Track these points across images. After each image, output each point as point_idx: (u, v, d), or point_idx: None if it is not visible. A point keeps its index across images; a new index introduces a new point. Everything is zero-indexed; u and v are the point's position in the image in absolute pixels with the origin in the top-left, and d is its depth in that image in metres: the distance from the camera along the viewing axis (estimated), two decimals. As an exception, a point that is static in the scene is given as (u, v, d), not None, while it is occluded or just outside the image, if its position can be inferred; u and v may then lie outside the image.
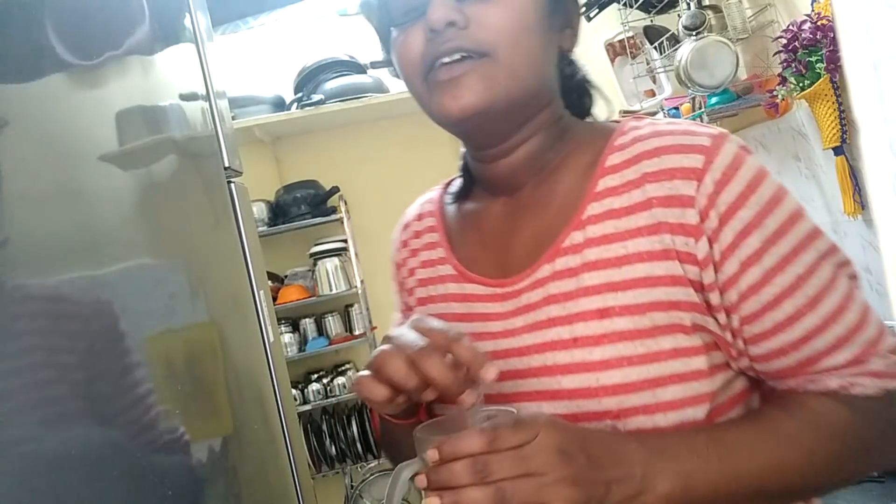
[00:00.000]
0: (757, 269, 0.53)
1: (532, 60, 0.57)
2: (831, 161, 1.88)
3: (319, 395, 2.51)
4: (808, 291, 0.53)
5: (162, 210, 0.77)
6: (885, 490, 1.32)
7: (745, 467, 0.51)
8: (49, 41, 0.58)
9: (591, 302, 0.55)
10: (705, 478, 0.50)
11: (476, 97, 0.55)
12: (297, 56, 2.72)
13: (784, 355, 0.54)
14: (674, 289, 0.54)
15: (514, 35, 0.55)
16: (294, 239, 2.70)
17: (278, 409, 1.04)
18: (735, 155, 0.54)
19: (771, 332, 0.54)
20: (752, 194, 0.53)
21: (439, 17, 0.54)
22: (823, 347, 0.53)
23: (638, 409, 0.53)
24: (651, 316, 0.54)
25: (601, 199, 0.58)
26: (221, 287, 0.92)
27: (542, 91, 0.60)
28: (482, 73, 0.55)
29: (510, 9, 0.55)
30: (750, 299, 0.53)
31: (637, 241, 0.55)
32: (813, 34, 1.77)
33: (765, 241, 0.53)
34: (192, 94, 0.98)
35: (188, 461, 0.70)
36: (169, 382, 0.69)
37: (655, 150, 0.56)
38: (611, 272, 0.55)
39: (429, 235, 0.72)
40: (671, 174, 0.54)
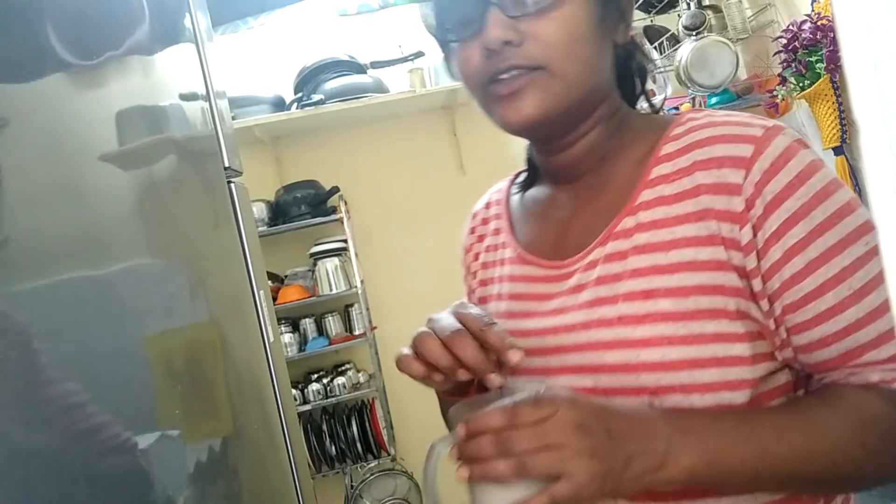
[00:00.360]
0: (800, 259, 0.53)
1: (586, 67, 0.60)
2: (831, 161, 1.89)
3: (319, 395, 2.51)
4: (853, 284, 0.53)
5: (162, 210, 0.77)
6: (885, 490, 1.32)
7: (772, 450, 0.52)
8: (49, 41, 0.58)
9: (637, 283, 0.58)
10: (730, 457, 0.51)
11: (534, 108, 0.59)
12: (297, 56, 2.72)
13: (826, 346, 0.54)
14: (718, 273, 0.55)
15: (566, 48, 0.58)
16: (294, 239, 2.70)
17: (278, 409, 1.04)
18: (787, 147, 0.55)
19: (813, 321, 0.54)
20: (801, 185, 0.54)
21: (496, 37, 0.57)
22: (866, 340, 0.53)
23: (675, 387, 0.55)
24: (695, 299, 0.55)
25: (653, 185, 0.60)
26: (221, 287, 0.92)
27: (597, 90, 0.63)
28: (538, 86, 0.59)
29: (563, 22, 0.58)
30: (793, 288, 0.54)
31: (685, 226, 0.57)
32: (813, 34, 1.77)
33: (810, 232, 0.53)
34: (192, 94, 0.98)
35: (188, 461, 0.70)
36: (169, 382, 0.69)
37: (707, 139, 0.58)
38: (658, 256, 0.57)
39: (495, 222, 0.76)
40: (720, 163, 0.56)
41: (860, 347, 0.54)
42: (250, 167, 1.23)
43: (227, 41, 2.79)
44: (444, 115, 2.86)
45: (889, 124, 0.19)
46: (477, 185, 0.84)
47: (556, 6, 0.57)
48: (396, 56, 2.66)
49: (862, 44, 0.20)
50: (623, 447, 0.50)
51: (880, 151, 0.19)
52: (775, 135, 0.55)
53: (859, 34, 0.20)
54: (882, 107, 0.19)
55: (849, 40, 0.20)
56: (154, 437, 0.63)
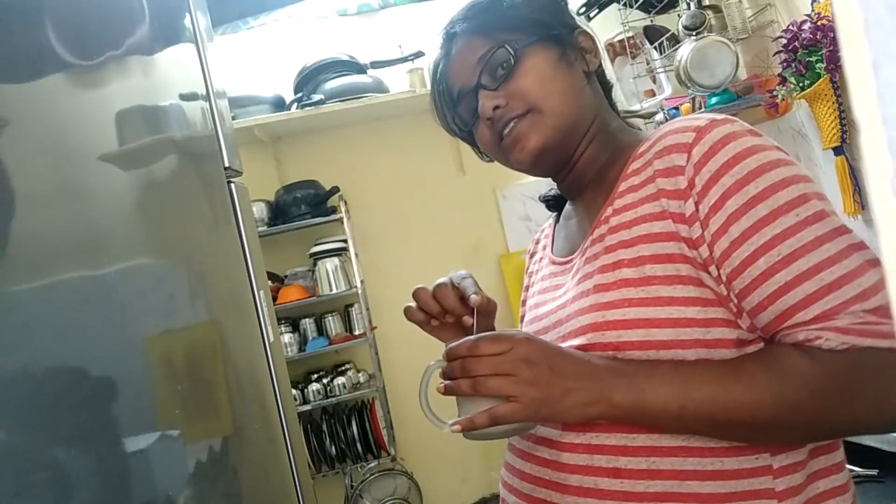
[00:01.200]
0: (735, 228, 0.61)
1: (565, 97, 0.74)
2: (831, 161, 1.88)
3: (319, 395, 2.51)
4: (782, 251, 0.59)
5: (162, 210, 0.77)
6: (885, 490, 1.32)
7: (694, 393, 0.59)
8: (49, 41, 0.58)
9: (608, 258, 0.69)
10: (655, 396, 0.60)
11: (534, 142, 0.74)
12: (297, 56, 2.72)
13: (763, 310, 0.60)
14: (669, 244, 0.64)
15: (541, 88, 0.73)
16: (294, 239, 2.70)
17: (278, 409, 1.04)
18: (729, 133, 0.63)
19: (751, 286, 0.60)
20: (737, 164, 0.61)
21: (488, 107, 0.74)
22: (794, 302, 0.58)
23: (634, 343, 0.63)
24: (651, 267, 0.65)
25: (628, 178, 0.71)
26: (221, 287, 0.92)
27: (583, 113, 0.76)
28: (532, 123, 0.74)
29: (529, 73, 0.73)
30: (731, 256, 0.61)
31: (644, 206, 0.67)
32: (813, 34, 1.77)
33: (743, 204, 0.60)
34: (192, 94, 0.98)
35: (188, 461, 0.70)
36: (169, 382, 0.69)
37: (664, 134, 0.68)
38: (623, 233, 0.68)
39: (544, 241, 0.93)
40: (669, 150, 0.66)
41: (790, 309, 0.59)
42: (250, 167, 1.23)
43: (227, 41, 2.79)
44: (444, 115, 2.86)
45: (888, 124, 0.19)
46: (477, 185, 0.86)
47: (519, 65, 0.73)
48: (396, 56, 2.66)
49: (862, 44, 0.20)
50: (562, 382, 0.61)
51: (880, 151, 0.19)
52: (719, 125, 0.64)
53: (859, 34, 0.20)
54: (882, 107, 0.19)
55: (849, 40, 0.20)
56: (154, 437, 0.63)
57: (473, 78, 0.75)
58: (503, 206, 2.89)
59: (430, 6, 2.89)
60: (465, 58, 0.76)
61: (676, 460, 0.62)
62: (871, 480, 1.36)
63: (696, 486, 0.61)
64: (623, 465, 0.63)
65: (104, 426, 0.55)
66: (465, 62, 0.76)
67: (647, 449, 0.63)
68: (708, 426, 0.60)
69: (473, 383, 0.63)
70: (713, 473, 0.61)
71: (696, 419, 0.59)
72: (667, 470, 0.62)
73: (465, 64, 0.76)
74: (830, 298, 0.57)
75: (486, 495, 2.73)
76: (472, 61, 0.75)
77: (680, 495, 0.61)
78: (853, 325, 0.56)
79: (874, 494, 1.32)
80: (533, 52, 0.74)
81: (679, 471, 0.62)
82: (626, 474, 0.63)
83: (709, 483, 0.61)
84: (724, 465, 0.62)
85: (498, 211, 2.89)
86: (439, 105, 0.83)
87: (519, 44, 0.73)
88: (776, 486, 0.61)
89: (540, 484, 0.69)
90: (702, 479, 0.61)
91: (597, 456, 0.65)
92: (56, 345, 0.51)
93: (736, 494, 0.61)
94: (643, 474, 0.63)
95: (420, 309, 0.79)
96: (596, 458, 0.65)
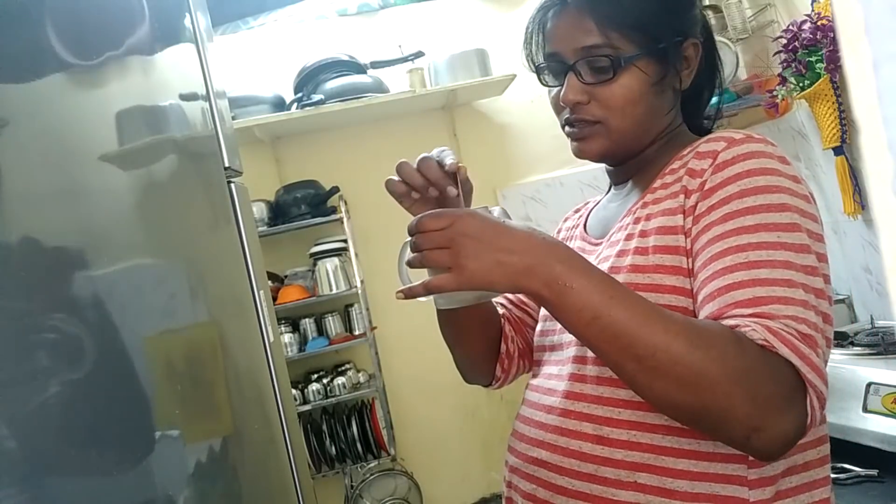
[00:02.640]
0: (720, 228, 0.65)
1: (637, 120, 0.78)
2: (831, 161, 1.88)
3: (319, 395, 2.51)
4: (750, 256, 0.62)
5: (162, 210, 0.77)
6: (885, 490, 1.32)
7: (613, 308, 0.60)
8: (49, 41, 0.58)
9: (627, 244, 0.74)
10: (580, 294, 0.61)
11: (594, 150, 0.80)
12: (297, 56, 2.71)
13: (712, 300, 0.63)
14: (679, 236, 0.69)
15: (622, 110, 0.76)
16: (294, 239, 2.69)
17: (278, 409, 1.04)
18: (756, 150, 0.67)
19: (711, 277, 0.64)
20: (748, 178, 0.66)
21: (570, 99, 0.78)
22: (741, 299, 0.61)
23: None
24: (659, 256, 0.70)
25: (663, 177, 0.76)
26: (221, 287, 0.92)
27: (651, 130, 0.80)
28: (597, 135, 0.79)
29: (621, 90, 0.76)
30: (706, 249, 0.65)
31: (667, 201, 0.72)
32: (813, 34, 1.77)
33: (737, 210, 0.65)
34: (192, 94, 0.98)
35: (188, 461, 0.70)
36: (169, 382, 0.69)
37: (704, 139, 0.73)
38: (644, 223, 0.74)
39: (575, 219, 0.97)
40: (701, 155, 0.71)
41: (734, 303, 0.62)
42: (250, 167, 1.23)
43: (227, 41, 2.79)
44: (444, 115, 2.86)
45: (888, 124, 0.19)
46: (477, 185, 0.85)
47: (616, 79, 0.75)
48: (396, 56, 2.66)
49: (862, 44, 0.20)
50: (494, 254, 0.63)
51: (880, 151, 0.19)
52: (752, 142, 0.68)
53: (859, 34, 0.20)
54: (882, 107, 0.19)
55: (848, 40, 0.20)
56: (154, 437, 0.63)
57: (570, 55, 0.77)
58: (503, 206, 2.89)
59: (430, 6, 2.89)
60: (570, 33, 0.77)
61: (656, 436, 0.67)
62: (871, 480, 1.36)
63: (670, 462, 0.66)
64: (606, 434, 0.69)
65: (104, 426, 0.55)
66: (571, 36, 0.77)
67: (630, 423, 0.68)
68: (607, 343, 0.61)
69: (419, 257, 0.67)
70: (688, 452, 0.66)
71: (601, 332, 0.61)
72: (646, 443, 0.67)
73: (570, 36, 0.77)
74: (773, 308, 0.60)
75: (486, 495, 2.73)
76: (576, 42, 0.76)
77: (654, 468, 0.66)
78: (780, 330, 0.58)
79: (874, 494, 1.32)
80: (632, 71, 0.75)
81: (657, 446, 0.67)
82: (607, 442, 0.69)
83: (682, 461, 0.66)
84: (700, 446, 0.66)
85: (498, 211, 2.89)
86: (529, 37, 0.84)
87: (623, 60, 0.74)
88: (749, 474, 0.65)
89: (534, 444, 0.77)
90: (677, 457, 0.66)
91: (585, 423, 0.71)
92: (56, 345, 0.51)
93: (707, 475, 0.65)
94: (624, 444, 0.68)
95: (402, 182, 0.80)
96: (584, 425, 0.71)
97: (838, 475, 1.37)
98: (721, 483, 0.65)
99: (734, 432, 0.59)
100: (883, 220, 0.20)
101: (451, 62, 2.64)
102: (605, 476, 0.68)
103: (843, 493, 1.33)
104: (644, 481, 0.66)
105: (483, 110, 2.91)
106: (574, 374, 0.75)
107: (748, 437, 0.58)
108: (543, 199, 2.85)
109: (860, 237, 1.93)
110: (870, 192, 0.20)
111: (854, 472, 1.38)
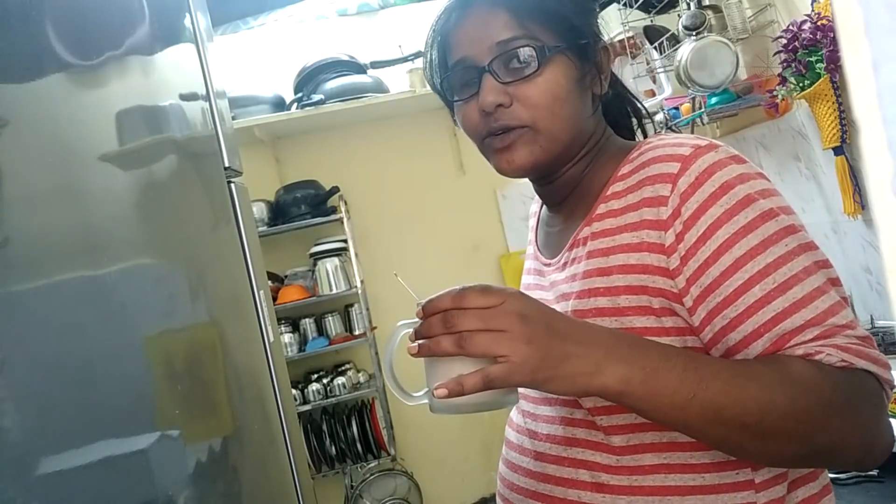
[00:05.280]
0: (727, 257, 0.59)
1: (566, 123, 0.70)
2: (831, 161, 1.88)
3: (319, 395, 2.51)
4: (777, 278, 0.58)
5: (162, 210, 0.77)
6: (885, 490, 1.32)
7: (707, 382, 0.54)
8: (49, 41, 0.58)
9: (584, 284, 0.67)
10: (666, 378, 0.54)
11: (523, 159, 0.71)
12: (297, 56, 2.72)
13: (759, 337, 0.59)
14: (643, 276, 0.63)
15: (550, 108, 0.69)
16: (294, 239, 2.70)
17: (278, 409, 1.04)
18: (714, 162, 0.62)
19: (745, 314, 0.59)
20: (724, 194, 0.60)
21: (489, 102, 0.68)
22: (792, 328, 0.58)
23: None
24: (626, 297, 0.63)
25: (607, 200, 0.69)
26: (221, 287, 0.92)
27: (579, 137, 0.73)
28: (525, 141, 0.70)
29: (546, 86, 0.68)
30: (723, 284, 0.59)
31: (623, 235, 0.65)
32: (813, 34, 1.77)
33: (734, 234, 0.59)
34: (192, 94, 0.98)
35: (188, 461, 0.70)
36: (169, 382, 0.69)
37: (650, 160, 0.66)
38: (600, 260, 0.66)
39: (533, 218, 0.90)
40: (654, 180, 0.64)
41: (788, 334, 0.58)
42: (250, 167, 1.23)
43: (227, 41, 2.79)
44: (444, 115, 2.85)
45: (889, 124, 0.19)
46: (477, 185, 0.86)
47: (540, 73, 0.68)
48: (396, 56, 2.66)
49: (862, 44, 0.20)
50: (562, 344, 0.54)
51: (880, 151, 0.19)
52: (704, 153, 0.62)
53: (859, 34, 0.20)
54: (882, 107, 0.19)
55: (849, 40, 0.20)
56: (154, 437, 0.63)
57: (484, 56, 0.69)
58: (503, 206, 2.89)
59: (430, 6, 2.89)
60: (483, 29, 0.69)
61: (658, 476, 0.62)
62: (871, 480, 1.35)
63: (676, 501, 0.62)
64: (605, 481, 0.64)
65: (104, 426, 0.55)
66: (482, 34, 0.69)
67: (629, 468, 0.63)
68: (709, 422, 0.55)
69: (459, 339, 0.54)
70: (693, 489, 0.62)
71: (701, 411, 0.54)
72: (647, 486, 0.62)
73: (481, 35, 0.69)
74: (827, 323, 0.58)
75: (486, 495, 2.73)
76: (491, 39, 0.69)
77: None
78: (850, 345, 0.57)
79: (874, 494, 1.32)
80: (557, 63, 0.69)
81: (659, 486, 0.62)
82: (608, 490, 0.63)
83: (689, 498, 0.61)
84: (706, 480, 0.62)
85: (498, 211, 2.89)
86: (430, 55, 0.77)
87: (547, 49, 0.68)
88: (758, 499, 0.62)
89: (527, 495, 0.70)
90: (682, 495, 0.62)
91: (582, 471, 0.65)
92: (56, 345, 0.51)
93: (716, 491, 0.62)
94: (625, 490, 0.63)
95: None
96: (581, 472, 0.65)
97: (838, 475, 1.37)
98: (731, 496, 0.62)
99: (848, 460, 0.58)
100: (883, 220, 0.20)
101: (451, 62, 2.64)
102: None
103: (842, 492, 1.33)
104: None
105: (483, 110, 2.90)
106: (566, 419, 0.68)
107: (863, 460, 0.58)
108: (543, 199, 2.85)
109: (860, 237, 1.92)
110: (870, 192, 0.20)
111: (854, 472, 1.38)
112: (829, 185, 1.96)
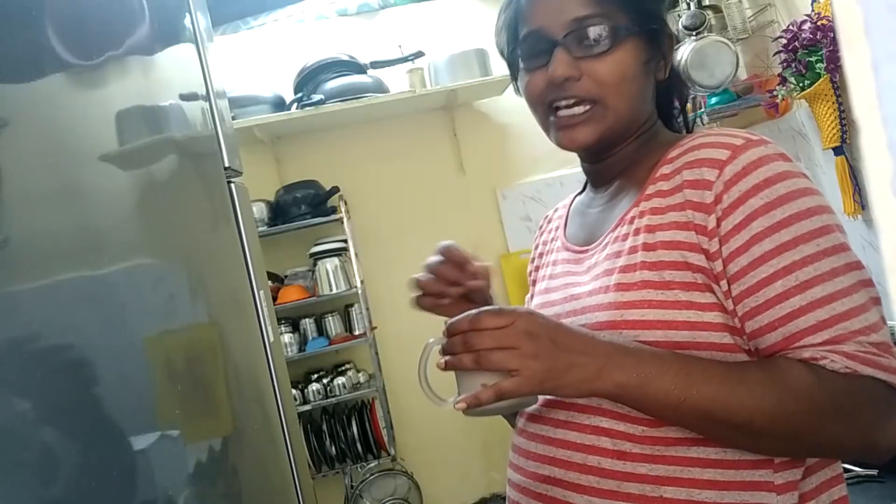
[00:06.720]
0: (757, 249, 0.62)
1: (632, 102, 0.73)
2: (831, 161, 1.88)
3: (319, 395, 2.51)
4: (799, 276, 0.60)
5: (162, 210, 0.77)
6: (885, 490, 1.32)
7: (697, 386, 0.60)
8: (49, 41, 0.58)
9: (630, 258, 0.69)
10: (658, 382, 0.60)
11: (587, 136, 0.73)
12: (297, 56, 2.71)
13: (773, 330, 0.62)
14: (688, 252, 0.65)
15: (617, 85, 0.71)
16: (294, 239, 2.69)
17: (278, 409, 1.04)
18: (763, 156, 0.64)
19: (763, 306, 0.62)
20: (767, 188, 0.62)
21: (560, 74, 0.70)
22: (805, 326, 0.60)
23: (651, 343, 0.64)
24: (670, 272, 0.66)
25: (656, 182, 0.71)
26: (221, 287, 0.92)
27: (640, 118, 0.76)
28: (592, 117, 0.72)
29: (616, 64, 0.71)
30: (748, 274, 0.62)
31: (670, 213, 0.68)
32: (813, 34, 1.77)
33: (768, 227, 0.62)
34: (192, 94, 0.98)
35: (188, 461, 0.70)
36: (169, 382, 0.69)
37: (698, 145, 0.68)
38: (647, 236, 0.69)
39: (556, 221, 0.93)
40: (701, 163, 0.66)
41: (800, 332, 0.60)
42: (250, 167, 1.23)
43: (227, 41, 2.79)
44: (444, 115, 2.86)
45: (888, 124, 0.19)
46: (477, 185, 0.86)
47: (612, 51, 0.70)
48: (396, 56, 2.66)
49: (862, 44, 0.20)
50: (566, 356, 0.61)
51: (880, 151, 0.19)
52: (754, 145, 0.65)
53: (859, 34, 0.20)
54: (882, 107, 0.19)
55: (849, 40, 0.20)
56: (154, 437, 0.63)
57: (558, 29, 0.71)
58: (503, 206, 2.89)
59: (430, 6, 2.89)
60: (557, 6, 0.71)
61: (681, 448, 0.65)
62: (871, 480, 1.36)
63: (697, 473, 0.64)
64: (627, 449, 0.66)
65: (104, 426, 0.55)
66: (560, 8, 0.71)
67: (652, 438, 0.65)
68: (701, 421, 0.61)
69: (476, 357, 0.62)
70: (715, 462, 0.64)
71: (691, 412, 0.60)
72: (670, 456, 0.65)
73: (559, 9, 0.71)
74: (839, 327, 0.59)
75: (486, 495, 2.73)
76: (568, 13, 0.71)
77: (680, 480, 0.64)
78: (858, 353, 0.58)
79: (874, 494, 1.32)
80: (628, 44, 0.71)
81: (682, 457, 0.64)
82: (629, 457, 0.66)
83: (709, 470, 0.64)
84: (727, 454, 0.64)
85: (498, 211, 2.89)
86: (502, 17, 0.79)
87: (622, 29, 0.70)
88: (775, 479, 0.64)
89: (544, 461, 0.72)
90: (703, 467, 0.64)
91: (604, 438, 0.67)
92: (56, 345, 0.51)
93: (735, 483, 0.63)
94: (647, 458, 0.65)
95: (426, 295, 0.80)
96: (603, 439, 0.67)
97: (838, 475, 1.37)
98: (749, 490, 0.63)
99: (848, 456, 0.63)
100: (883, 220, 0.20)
101: (451, 62, 2.64)
102: (628, 492, 0.65)
103: (843, 493, 1.33)
104: (671, 495, 0.64)
105: (483, 110, 2.90)
106: None
107: (863, 457, 0.62)
108: (543, 199, 2.85)
109: (860, 237, 1.92)
110: (870, 192, 0.20)
111: (854, 472, 1.38)
112: (829, 185, 1.96)
